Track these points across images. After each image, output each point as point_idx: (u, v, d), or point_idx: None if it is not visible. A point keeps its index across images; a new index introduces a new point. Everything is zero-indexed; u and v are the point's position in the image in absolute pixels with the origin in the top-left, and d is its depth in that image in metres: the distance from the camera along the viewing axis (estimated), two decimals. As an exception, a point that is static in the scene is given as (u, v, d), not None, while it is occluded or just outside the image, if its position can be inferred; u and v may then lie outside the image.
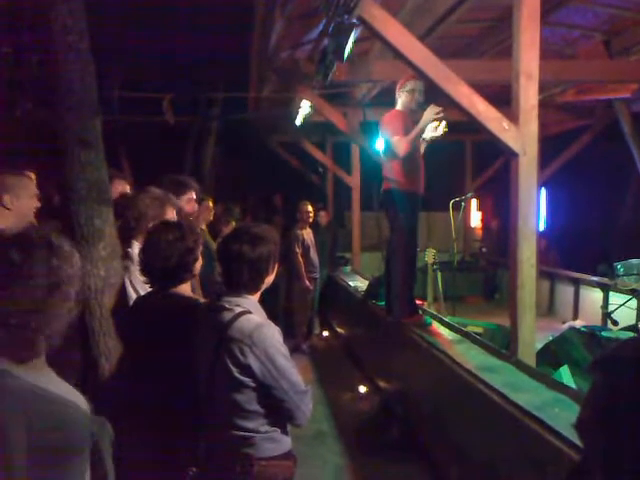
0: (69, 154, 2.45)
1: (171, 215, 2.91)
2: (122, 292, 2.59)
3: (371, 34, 3.68)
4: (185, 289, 2.32)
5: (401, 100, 4.70)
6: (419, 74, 3.66)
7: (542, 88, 5.14)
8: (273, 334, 1.96)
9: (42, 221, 2.71)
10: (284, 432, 2.05)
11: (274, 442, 2.00)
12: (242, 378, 1.91)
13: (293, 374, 1.97)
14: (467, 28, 5.98)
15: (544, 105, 6.78)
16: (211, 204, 5.09)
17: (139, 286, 2.61)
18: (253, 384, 1.92)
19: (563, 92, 7.25)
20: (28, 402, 1.15)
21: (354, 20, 3.37)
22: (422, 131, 4.50)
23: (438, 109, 4.37)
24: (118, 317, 2.50)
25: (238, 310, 1.97)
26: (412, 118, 4.61)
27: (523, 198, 3.52)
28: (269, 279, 2.10)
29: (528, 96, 3.45)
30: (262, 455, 1.97)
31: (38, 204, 2.66)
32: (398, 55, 3.49)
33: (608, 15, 5.61)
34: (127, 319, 2.43)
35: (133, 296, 2.62)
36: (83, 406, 1.30)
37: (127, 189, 3.60)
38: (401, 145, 4.45)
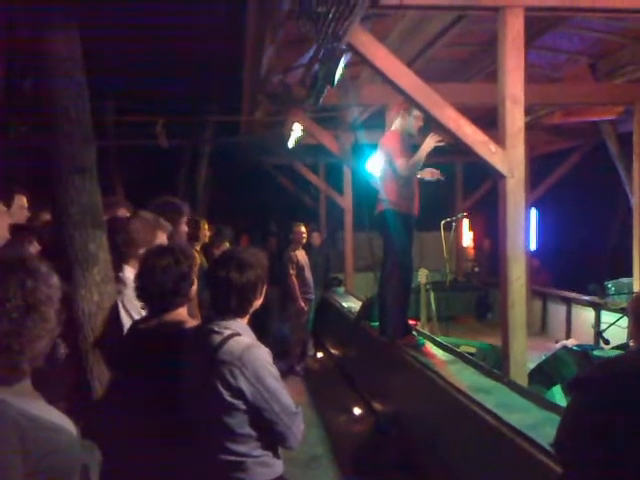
0: (63, 179, 2.47)
1: (162, 239, 2.90)
2: (115, 316, 2.59)
3: (360, 60, 3.75)
4: (181, 313, 2.32)
5: (400, 122, 4.77)
6: (407, 98, 3.72)
7: (529, 111, 5.22)
8: (263, 355, 1.97)
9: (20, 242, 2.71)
10: (276, 456, 2.04)
11: (266, 466, 1.99)
12: (233, 401, 1.91)
13: (283, 395, 1.97)
14: (455, 52, 6.08)
15: (532, 127, 6.89)
16: (206, 226, 5.13)
17: (133, 310, 2.60)
18: (244, 407, 1.92)
19: (550, 114, 7.35)
20: (24, 430, 1.16)
21: (343, 46, 3.43)
22: (422, 159, 4.59)
23: (439, 137, 4.46)
24: (111, 342, 2.49)
25: (227, 333, 1.98)
26: (409, 141, 4.73)
27: (511, 219, 3.56)
28: (257, 302, 2.11)
29: (514, 119, 3.51)
30: (254, 480, 1.96)
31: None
32: (386, 80, 3.56)
33: (594, 39, 5.73)
34: (122, 344, 2.43)
35: (126, 320, 2.62)
36: (74, 432, 1.31)
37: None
38: (404, 168, 4.56)
